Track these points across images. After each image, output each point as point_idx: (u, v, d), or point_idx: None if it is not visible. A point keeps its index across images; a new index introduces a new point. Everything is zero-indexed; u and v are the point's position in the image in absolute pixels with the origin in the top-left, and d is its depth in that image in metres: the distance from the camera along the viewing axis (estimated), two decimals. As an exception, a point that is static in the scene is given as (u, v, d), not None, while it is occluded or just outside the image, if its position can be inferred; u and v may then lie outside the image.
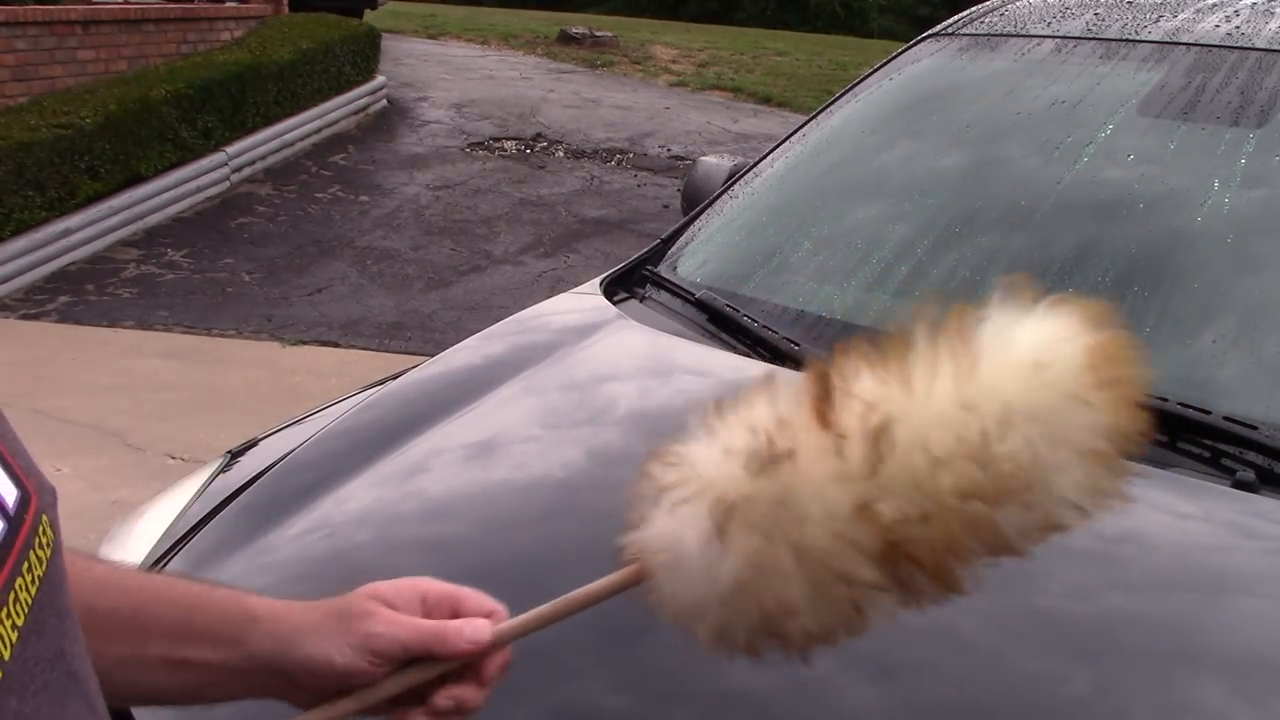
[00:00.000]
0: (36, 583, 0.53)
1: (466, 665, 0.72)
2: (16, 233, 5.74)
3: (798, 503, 0.61)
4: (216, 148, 7.24)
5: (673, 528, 0.65)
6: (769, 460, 0.62)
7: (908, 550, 0.61)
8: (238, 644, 0.71)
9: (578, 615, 0.73)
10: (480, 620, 0.71)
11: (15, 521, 0.53)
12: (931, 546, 0.61)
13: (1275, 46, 1.85)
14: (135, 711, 1.23)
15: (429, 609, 0.73)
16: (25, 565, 0.53)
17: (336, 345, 5.20)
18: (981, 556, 0.64)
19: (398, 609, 0.72)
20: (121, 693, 0.70)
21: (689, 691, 1.11)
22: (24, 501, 0.55)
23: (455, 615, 0.73)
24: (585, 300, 2.06)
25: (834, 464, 0.61)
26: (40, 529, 0.55)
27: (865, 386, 0.62)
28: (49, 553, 0.55)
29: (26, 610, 0.52)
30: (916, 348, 0.63)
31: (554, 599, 0.72)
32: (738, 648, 0.67)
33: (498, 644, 0.72)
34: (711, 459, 0.65)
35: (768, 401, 0.65)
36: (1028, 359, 0.61)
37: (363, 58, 9.12)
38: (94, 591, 0.69)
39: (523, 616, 0.72)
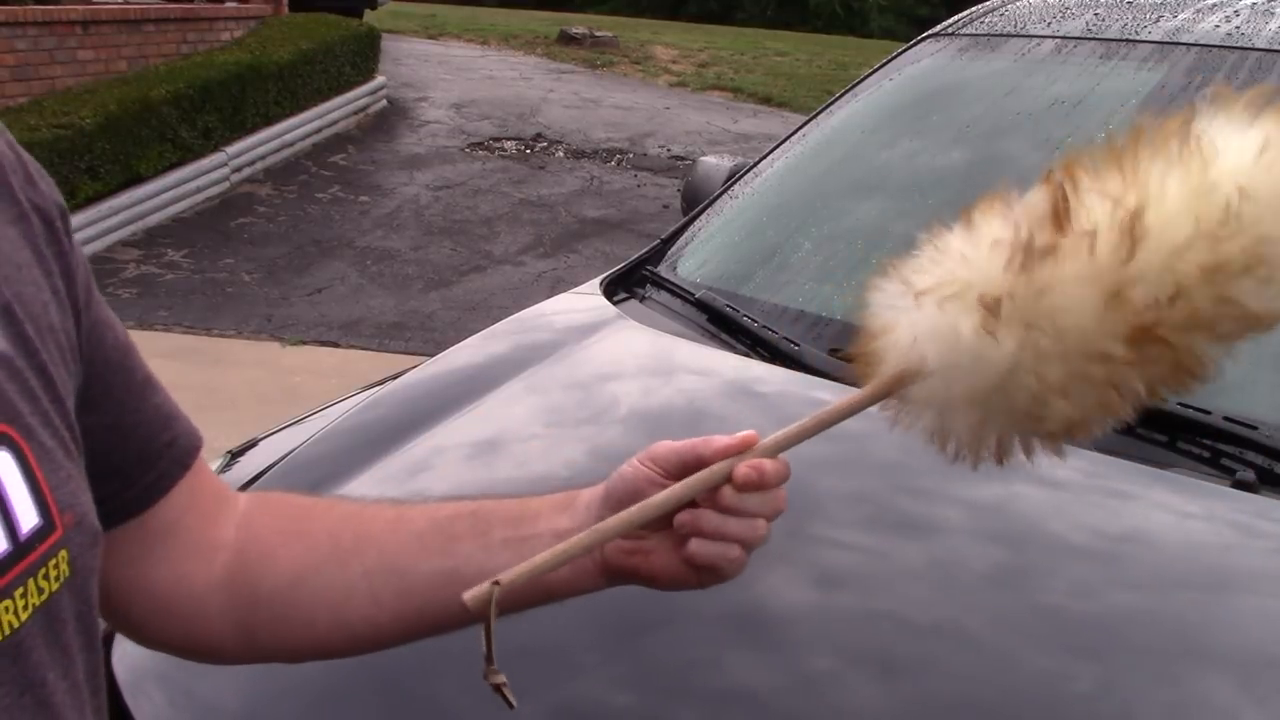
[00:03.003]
0: (29, 609, 0.55)
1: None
2: (16, 233, 5.73)
3: (1058, 294, 0.65)
4: (216, 148, 7.24)
5: (942, 321, 0.68)
6: (1032, 255, 0.66)
7: (1158, 332, 0.65)
8: (570, 504, 0.79)
9: (579, 615, 0.73)
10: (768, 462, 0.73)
11: (23, 548, 0.56)
12: (1180, 325, 0.65)
13: (1275, 46, 1.85)
14: (136, 711, 1.24)
15: (670, 470, 0.76)
16: (20, 590, 0.55)
17: (336, 345, 5.20)
18: (1228, 336, 0.67)
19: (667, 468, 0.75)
20: (478, 577, 0.72)
21: (693, 688, 1.11)
22: (42, 532, 0.57)
23: (700, 461, 0.75)
24: (585, 300, 2.07)
25: (1086, 259, 0.65)
26: (53, 562, 0.57)
27: (1104, 187, 0.66)
28: (55, 586, 0.57)
29: (6, 633, 0.54)
30: (1141, 151, 0.67)
31: (805, 417, 0.73)
32: (989, 450, 0.70)
33: (761, 451, 0.73)
34: (970, 257, 0.69)
35: (1006, 212, 0.70)
36: (1253, 147, 0.65)
37: (363, 58, 9.12)
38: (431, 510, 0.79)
39: (778, 434, 0.74)
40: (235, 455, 1.77)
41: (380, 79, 9.44)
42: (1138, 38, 2.01)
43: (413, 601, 0.77)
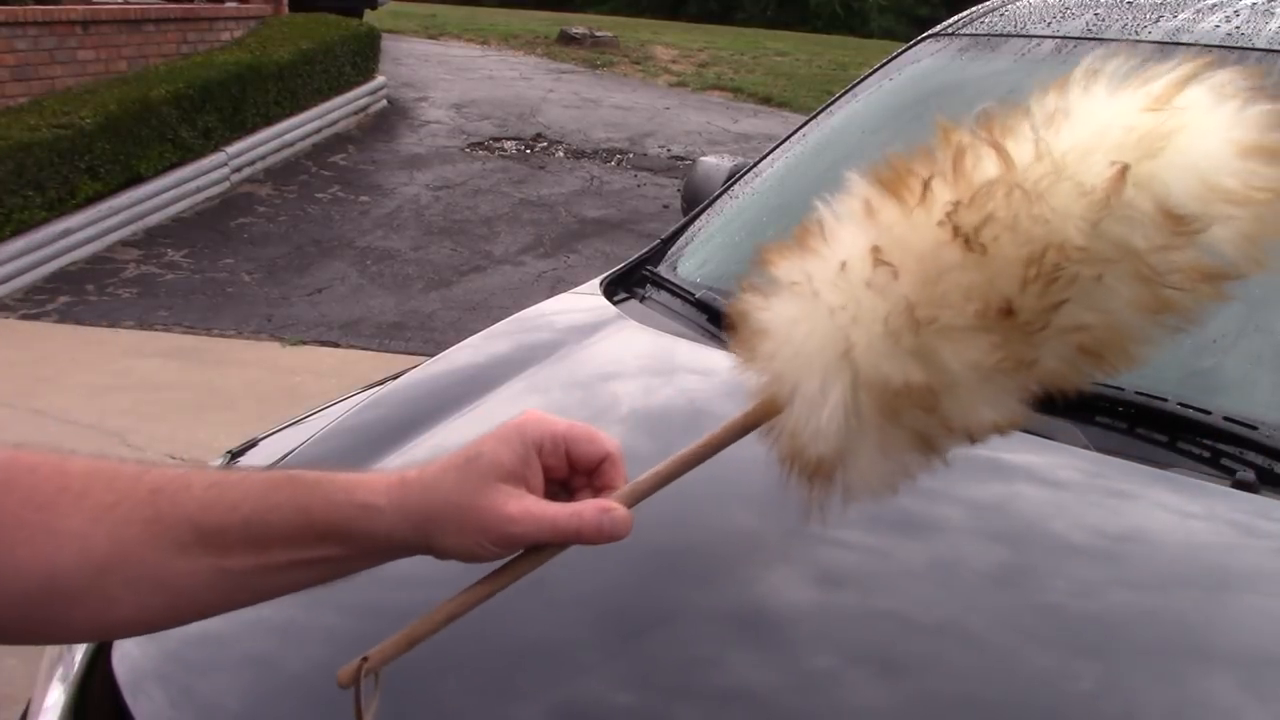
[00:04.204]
0: None
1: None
2: (16, 233, 5.74)
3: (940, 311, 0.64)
4: (216, 148, 7.25)
5: (819, 350, 0.66)
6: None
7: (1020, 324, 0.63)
8: (366, 536, 0.71)
9: (580, 614, 0.73)
10: (620, 512, 0.71)
11: None
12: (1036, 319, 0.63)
13: (1275, 46, 1.85)
14: (136, 711, 1.24)
15: (544, 458, 0.73)
16: None
17: (336, 345, 5.20)
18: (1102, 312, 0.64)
19: (525, 480, 0.72)
20: (263, 595, 0.71)
21: (695, 687, 1.11)
22: None
23: (570, 459, 0.73)
24: (585, 300, 2.07)
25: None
26: None
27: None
28: None
29: None
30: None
31: (674, 454, 0.72)
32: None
33: (630, 505, 0.72)
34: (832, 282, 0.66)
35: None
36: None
37: (363, 58, 9.13)
38: (199, 511, 0.69)
39: (650, 473, 0.72)
40: (235, 455, 1.77)
41: (380, 79, 9.45)
42: (1138, 38, 2.01)
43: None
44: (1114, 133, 0.62)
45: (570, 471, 0.74)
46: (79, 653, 1.38)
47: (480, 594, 0.72)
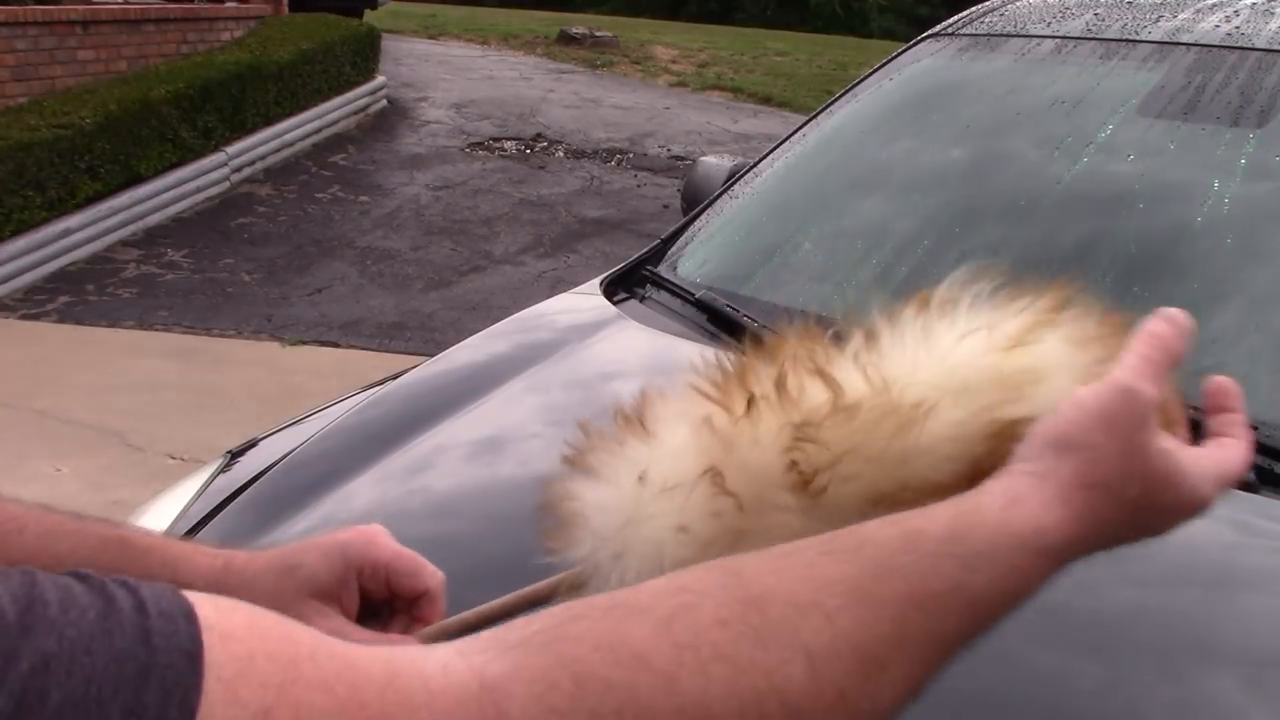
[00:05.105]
0: None
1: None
2: (16, 233, 5.74)
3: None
4: (216, 148, 7.25)
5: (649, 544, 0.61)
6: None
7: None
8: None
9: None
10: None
11: None
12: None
13: (1275, 46, 1.85)
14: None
15: (364, 580, 0.73)
16: None
17: (336, 345, 5.20)
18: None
19: (339, 599, 0.71)
20: None
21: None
22: None
23: (390, 588, 0.73)
24: (585, 300, 2.07)
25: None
26: None
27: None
28: None
29: None
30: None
31: (482, 606, 0.71)
32: None
33: (436, 631, 0.72)
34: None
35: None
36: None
37: (363, 58, 9.13)
38: (24, 560, 0.68)
39: (457, 619, 0.72)
40: (235, 455, 1.77)
41: (380, 79, 9.45)
42: (1138, 38, 2.01)
43: None
44: (962, 374, 0.59)
45: (389, 596, 0.74)
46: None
47: None
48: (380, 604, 0.74)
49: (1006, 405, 0.58)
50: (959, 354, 0.60)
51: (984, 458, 0.58)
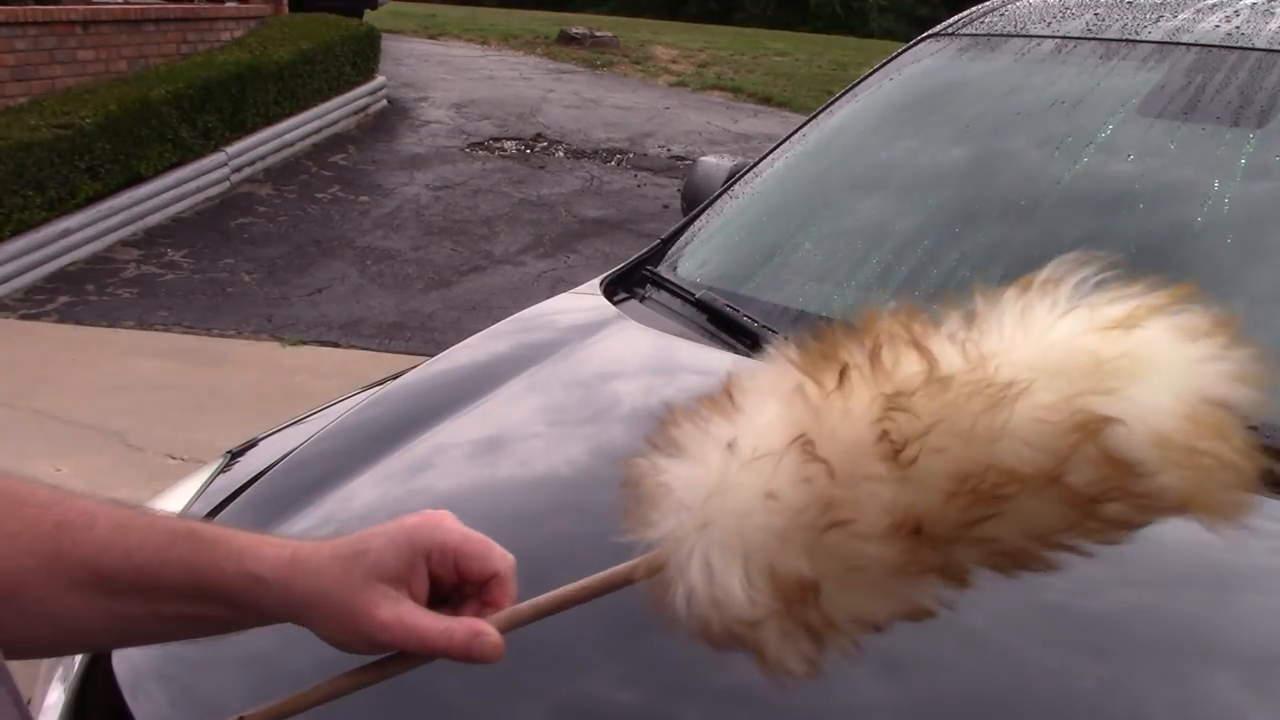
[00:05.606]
0: None
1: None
2: (16, 233, 5.74)
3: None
4: (216, 148, 7.25)
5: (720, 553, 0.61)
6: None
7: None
8: (251, 605, 0.72)
9: (582, 612, 0.73)
10: (491, 637, 0.70)
11: None
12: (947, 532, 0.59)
13: (1275, 46, 1.85)
14: (136, 711, 1.24)
15: (433, 566, 0.73)
16: None
17: (336, 345, 5.20)
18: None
19: (408, 584, 0.71)
20: (155, 640, 0.72)
21: (697, 686, 1.11)
22: None
23: (459, 572, 0.73)
24: (586, 300, 2.07)
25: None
26: None
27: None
28: None
29: None
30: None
31: (559, 587, 0.71)
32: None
33: (504, 631, 0.72)
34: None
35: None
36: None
37: (363, 58, 9.13)
38: (97, 553, 0.69)
39: (530, 604, 0.72)
40: (235, 455, 1.77)
41: (380, 79, 9.45)
42: (1138, 38, 2.01)
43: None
44: (1058, 355, 0.58)
45: (459, 581, 0.73)
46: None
47: (351, 683, 0.72)
48: (450, 589, 0.74)
49: (1097, 397, 0.56)
50: (1057, 332, 0.59)
51: (1067, 453, 0.56)
